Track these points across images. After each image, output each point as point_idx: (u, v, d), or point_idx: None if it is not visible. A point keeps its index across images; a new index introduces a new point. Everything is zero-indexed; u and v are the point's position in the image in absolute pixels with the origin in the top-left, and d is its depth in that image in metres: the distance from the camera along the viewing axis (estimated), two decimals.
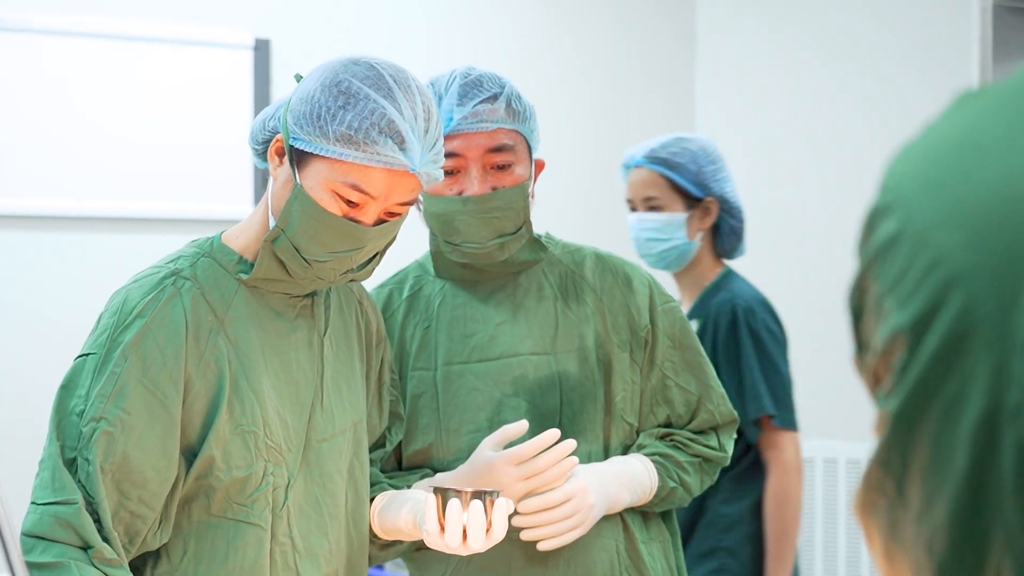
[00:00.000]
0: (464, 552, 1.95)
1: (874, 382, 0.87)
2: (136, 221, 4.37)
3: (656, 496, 2.31)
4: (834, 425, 5.00)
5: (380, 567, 4.66)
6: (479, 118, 2.22)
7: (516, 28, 5.06)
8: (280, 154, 1.94)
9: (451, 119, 2.21)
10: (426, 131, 1.90)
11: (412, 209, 2.21)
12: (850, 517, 5.01)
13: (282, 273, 1.95)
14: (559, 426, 2.24)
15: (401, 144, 1.87)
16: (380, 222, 1.92)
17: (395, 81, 1.90)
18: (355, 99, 1.88)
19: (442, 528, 1.94)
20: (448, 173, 2.22)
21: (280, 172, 1.94)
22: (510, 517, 2.09)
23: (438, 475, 2.25)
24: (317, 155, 1.89)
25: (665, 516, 2.40)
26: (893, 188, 0.87)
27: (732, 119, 5.38)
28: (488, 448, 2.18)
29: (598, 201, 5.10)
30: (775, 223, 5.27)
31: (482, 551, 1.98)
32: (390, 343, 2.30)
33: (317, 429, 2.01)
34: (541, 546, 2.18)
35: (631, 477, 2.27)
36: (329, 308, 2.07)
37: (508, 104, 2.24)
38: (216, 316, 1.93)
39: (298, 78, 2.00)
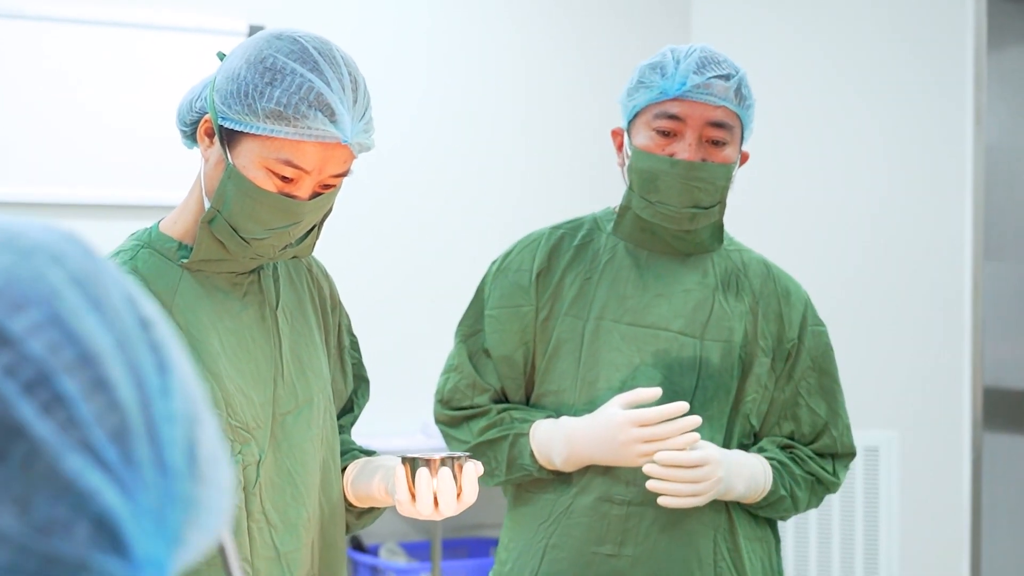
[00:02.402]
0: (437, 518, 1.94)
1: None
2: (129, 208, 4.33)
3: (765, 499, 2.36)
4: None
5: (375, 554, 4.64)
6: (710, 91, 2.30)
7: (514, 22, 5.02)
8: (209, 135, 1.92)
9: (684, 84, 2.30)
10: (355, 101, 1.88)
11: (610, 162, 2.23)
12: (842, 509, 5.07)
13: (222, 252, 1.93)
14: (689, 408, 2.29)
15: (331, 116, 1.85)
16: (315, 195, 1.90)
17: (320, 54, 1.88)
18: (281, 74, 1.85)
19: (413, 497, 1.94)
20: (664, 134, 2.30)
21: (211, 153, 1.92)
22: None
23: (540, 424, 2.32)
24: (247, 133, 1.87)
25: (771, 523, 2.44)
26: None
27: None
28: (617, 405, 2.25)
29: (592, 194, 5.07)
30: (771, 215, 5.30)
31: (454, 515, 1.98)
32: (549, 282, 2.39)
33: (281, 402, 1.99)
34: (662, 500, 2.25)
35: (750, 472, 2.32)
36: (279, 280, 2.05)
37: (739, 88, 2.33)
38: (163, 305, 1.91)
39: (221, 56, 1.98)
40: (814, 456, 2.41)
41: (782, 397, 2.40)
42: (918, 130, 4.82)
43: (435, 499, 1.93)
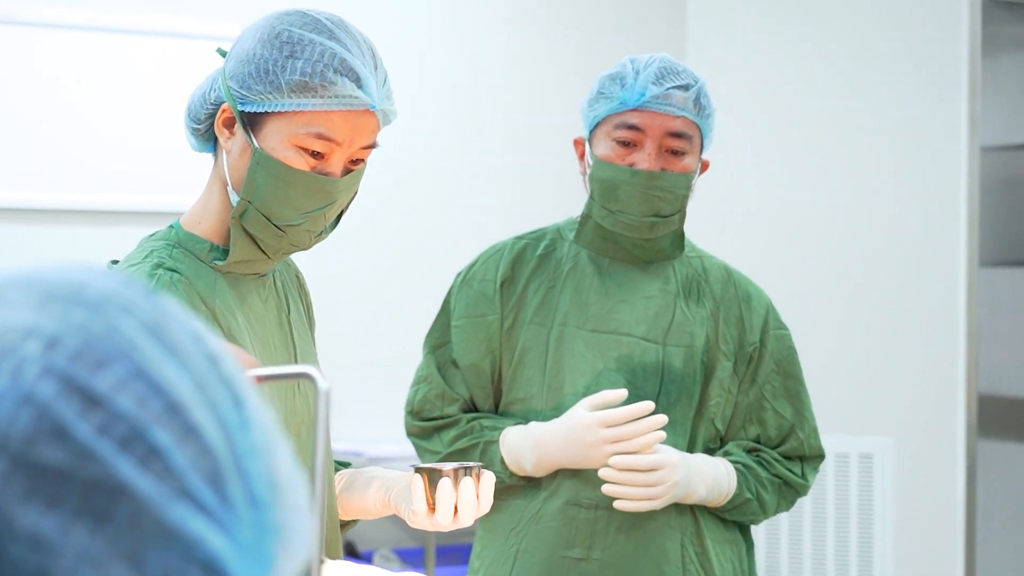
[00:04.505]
0: (451, 528, 1.93)
1: None
2: (125, 214, 4.34)
3: (730, 502, 2.38)
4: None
5: (369, 561, 4.64)
6: (669, 101, 2.35)
7: (509, 24, 5.02)
8: (228, 125, 1.84)
9: (643, 94, 2.34)
10: (375, 67, 1.83)
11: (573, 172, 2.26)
12: (814, 508, 5.06)
13: (255, 251, 1.86)
14: (655, 409, 2.33)
15: (358, 82, 1.80)
16: (345, 172, 1.85)
17: (332, 23, 1.83)
18: (300, 45, 1.80)
19: (431, 507, 1.91)
20: (624, 144, 2.35)
21: (233, 143, 1.84)
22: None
23: (509, 431, 2.34)
24: (273, 113, 1.81)
25: (743, 527, 2.47)
26: None
27: (723, 118, 5.38)
28: (584, 407, 2.29)
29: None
30: (766, 218, 5.29)
31: (469, 525, 1.98)
32: (513, 291, 2.43)
33: (298, 413, 1.94)
34: (618, 504, 2.29)
35: (712, 475, 2.35)
36: (285, 285, 2.01)
37: (698, 98, 2.38)
38: (207, 307, 1.83)
39: (221, 52, 1.92)
40: (781, 459, 2.43)
41: (746, 401, 2.43)
42: (913, 136, 4.82)
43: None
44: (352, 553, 4.69)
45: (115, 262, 1.93)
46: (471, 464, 1.94)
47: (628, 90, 2.35)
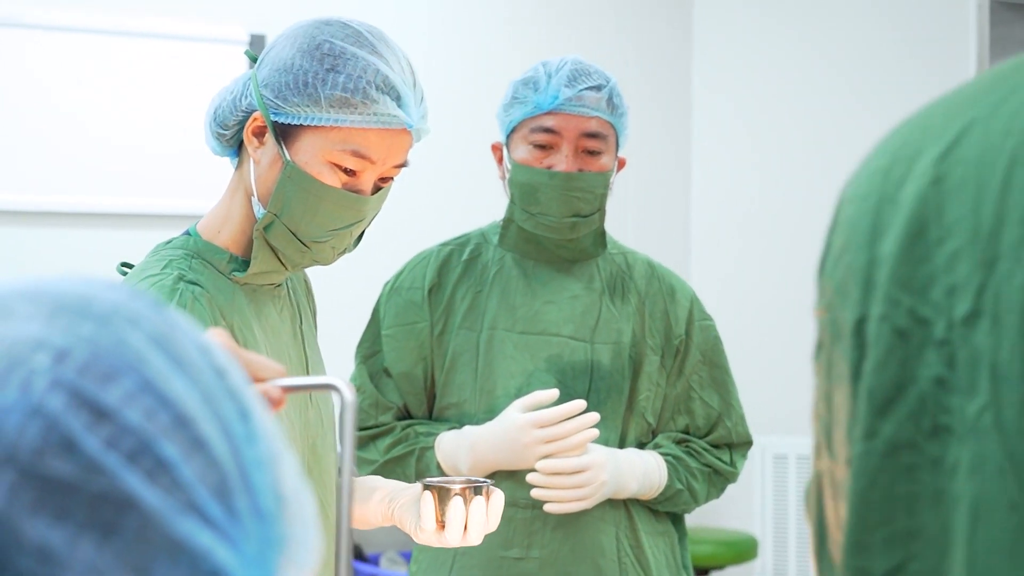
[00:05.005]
0: (458, 545, 1.94)
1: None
2: (129, 217, 4.35)
3: (662, 494, 2.43)
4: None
5: (376, 563, 4.64)
6: (582, 103, 2.38)
7: (514, 27, 5.05)
8: (259, 134, 1.79)
9: (556, 98, 2.38)
10: (414, 84, 1.80)
11: (494, 180, 2.38)
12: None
13: (275, 263, 1.81)
14: (586, 407, 2.37)
15: (398, 100, 1.76)
16: (375, 190, 1.81)
17: (373, 36, 1.78)
18: (342, 59, 1.74)
19: (440, 524, 1.91)
20: (541, 147, 2.38)
21: (262, 153, 1.79)
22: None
23: (444, 436, 2.37)
24: (308, 126, 1.75)
25: (675, 517, 2.52)
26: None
27: (729, 118, 5.40)
28: (517, 409, 2.32)
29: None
30: (771, 220, 5.30)
31: (478, 544, 1.99)
32: (441, 298, 2.45)
33: (311, 426, 1.90)
34: (548, 507, 2.33)
35: (643, 469, 2.39)
36: (297, 293, 1.97)
37: (610, 98, 2.41)
38: (226, 322, 1.77)
39: (250, 55, 1.88)
40: (710, 448, 2.48)
41: (674, 392, 2.48)
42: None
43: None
44: (359, 556, 4.69)
45: (126, 264, 1.88)
46: (480, 481, 1.95)
47: (542, 94, 2.39)
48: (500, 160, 2.47)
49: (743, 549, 4.84)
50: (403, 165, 1.81)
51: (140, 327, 0.65)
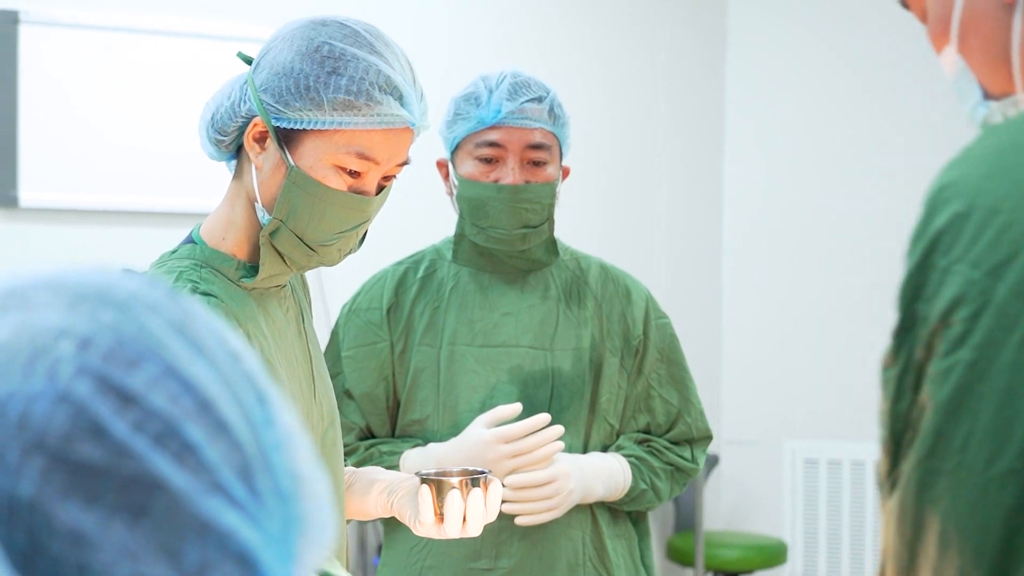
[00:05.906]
0: (458, 537, 1.95)
1: (925, 352, 1.08)
2: (154, 215, 4.35)
3: (627, 495, 2.46)
4: (842, 427, 5.05)
5: (379, 552, 4.64)
6: (524, 115, 2.41)
7: (542, 36, 5.03)
8: (260, 140, 1.77)
9: (499, 111, 2.40)
10: (413, 80, 1.78)
11: (441, 194, 2.42)
12: (852, 516, 5.07)
13: (283, 267, 1.80)
14: (550, 419, 2.38)
15: (400, 99, 1.75)
16: (378, 190, 1.81)
17: (371, 35, 1.77)
18: (343, 61, 1.73)
19: (439, 517, 1.91)
20: (487, 161, 2.41)
21: (264, 159, 1.77)
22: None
23: (408, 454, 2.38)
24: (311, 131, 1.74)
25: (636, 517, 2.55)
26: (954, 181, 1.11)
27: (761, 127, 5.42)
28: (481, 425, 2.34)
29: (625, 208, 5.09)
30: (803, 228, 5.31)
31: (477, 535, 2.00)
32: (400, 316, 2.47)
33: (317, 421, 1.91)
34: (519, 520, 2.35)
35: (607, 473, 2.42)
36: (296, 290, 1.97)
37: (551, 108, 2.44)
38: (242, 329, 1.76)
39: (244, 58, 1.84)
40: (671, 446, 2.51)
41: (635, 392, 2.50)
42: (946, 140, 4.81)
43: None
44: (362, 546, 4.69)
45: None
46: (477, 472, 1.96)
47: (484, 108, 2.41)
48: (446, 176, 2.48)
49: (773, 553, 4.82)
50: (405, 163, 1.81)
51: (159, 313, 0.66)
